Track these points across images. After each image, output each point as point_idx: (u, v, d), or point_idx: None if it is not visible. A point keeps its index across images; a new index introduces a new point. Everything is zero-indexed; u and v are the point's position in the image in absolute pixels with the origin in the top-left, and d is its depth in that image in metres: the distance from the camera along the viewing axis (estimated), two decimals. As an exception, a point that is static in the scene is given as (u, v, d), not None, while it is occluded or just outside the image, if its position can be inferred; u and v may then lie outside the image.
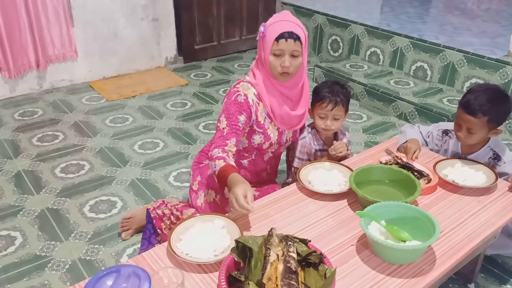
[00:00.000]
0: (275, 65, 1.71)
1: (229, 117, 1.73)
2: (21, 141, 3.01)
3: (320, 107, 1.88)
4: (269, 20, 1.74)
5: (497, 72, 3.35)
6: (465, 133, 1.82)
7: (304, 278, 1.18)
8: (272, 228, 1.22)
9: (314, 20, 4.71)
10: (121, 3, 3.93)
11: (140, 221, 2.11)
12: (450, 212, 1.57)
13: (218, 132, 1.74)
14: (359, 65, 4.19)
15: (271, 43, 1.69)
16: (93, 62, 3.99)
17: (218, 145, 1.70)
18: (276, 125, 1.85)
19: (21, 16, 3.42)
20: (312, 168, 1.79)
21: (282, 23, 1.69)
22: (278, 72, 1.73)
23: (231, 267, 1.20)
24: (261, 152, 1.92)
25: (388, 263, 1.32)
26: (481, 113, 1.75)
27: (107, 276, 1.12)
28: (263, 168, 2.01)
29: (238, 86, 1.80)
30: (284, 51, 1.69)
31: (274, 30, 1.69)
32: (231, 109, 1.74)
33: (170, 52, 4.44)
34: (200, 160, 2.07)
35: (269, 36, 1.69)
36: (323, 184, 1.67)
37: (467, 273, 1.91)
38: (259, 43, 1.77)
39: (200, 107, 3.60)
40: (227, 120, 1.73)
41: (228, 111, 1.74)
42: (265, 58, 1.74)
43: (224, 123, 1.73)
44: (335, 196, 1.64)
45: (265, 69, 1.77)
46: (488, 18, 4.84)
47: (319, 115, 1.90)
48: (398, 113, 3.54)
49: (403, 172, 1.66)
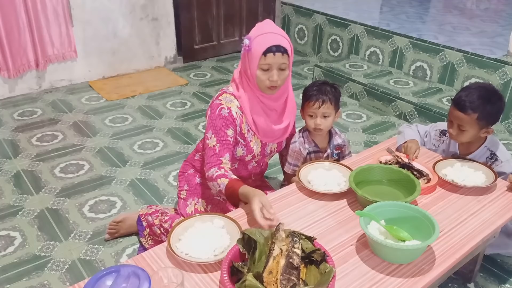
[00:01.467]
0: (262, 79, 1.66)
1: (217, 132, 1.69)
2: (21, 141, 3.01)
3: (308, 106, 1.87)
4: (253, 32, 1.67)
5: (496, 72, 3.36)
6: (456, 130, 1.83)
7: (305, 275, 1.19)
8: (280, 223, 1.23)
9: (314, 20, 4.71)
10: (120, 3, 3.93)
11: (129, 227, 2.10)
12: (449, 212, 1.57)
13: (210, 150, 1.70)
14: (359, 65, 4.19)
15: (258, 58, 1.62)
16: (92, 62, 3.99)
17: (213, 164, 1.67)
18: (259, 137, 1.82)
19: (20, 15, 3.42)
20: (312, 168, 1.78)
21: (268, 36, 1.62)
22: (265, 86, 1.68)
23: (236, 258, 1.22)
24: (244, 162, 1.89)
25: (388, 263, 1.32)
26: (470, 110, 1.76)
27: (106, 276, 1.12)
28: (247, 176, 1.97)
29: (221, 98, 1.74)
30: (272, 65, 1.63)
31: (260, 44, 1.61)
32: (217, 124, 1.70)
33: (170, 52, 4.44)
34: (185, 170, 2.04)
35: (255, 50, 1.62)
36: (323, 183, 1.67)
37: (467, 272, 1.91)
38: (243, 56, 1.70)
39: (199, 107, 3.60)
40: (216, 136, 1.69)
41: (215, 127, 1.70)
42: (251, 72, 1.67)
43: (213, 140, 1.70)
44: (335, 196, 1.64)
45: (251, 82, 1.71)
46: (487, 18, 4.84)
47: (308, 114, 1.89)
48: (397, 113, 3.54)
49: (402, 171, 1.66)
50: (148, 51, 4.29)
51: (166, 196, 2.47)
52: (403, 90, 3.64)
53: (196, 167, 2.00)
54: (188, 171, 2.03)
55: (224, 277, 1.14)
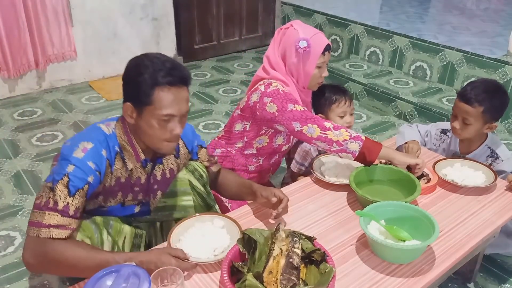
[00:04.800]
0: (317, 76, 1.78)
1: (295, 102, 1.70)
2: (21, 141, 3.01)
3: (338, 107, 1.94)
4: (303, 33, 1.73)
5: (496, 72, 3.36)
6: (460, 124, 1.84)
7: (305, 275, 1.19)
8: (280, 223, 1.23)
9: (314, 20, 4.71)
10: (120, 3, 3.93)
11: None
12: (449, 212, 1.57)
13: (301, 113, 1.65)
14: (359, 64, 4.19)
15: (317, 57, 1.74)
16: (92, 62, 3.99)
17: (321, 119, 1.66)
18: None
19: (20, 16, 3.42)
20: (326, 159, 1.85)
21: (320, 36, 1.75)
22: (317, 83, 1.80)
23: (236, 258, 1.22)
24: (271, 155, 1.95)
25: (388, 263, 1.32)
26: (477, 103, 1.78)
27: (106, 276, 1.12)
28: (268, 170, 2.04)
29: (275, 85, 1.74)
30: (325, 62, 1.78)
31: (318, 44, 1.73)
32: (291, 97, 1.70)
33: (170, 52, 4.44)
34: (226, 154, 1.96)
35: (314, 50, 1.73)
36: (334, 175, 1.74)
37: (467, 272, 1.91)
38: (298, 58, 1.74)
39: (199, 107, 3.60)
40: (296, 106, 1.67)
41: (290, 100, 1.69)
42: (307, 70, 1.76)
43: (299, 107, 1.68)
44: (334, 196, 1.64)
45: (302, 79, 1.79)
46: (487, 18, 4.84)
47: (338, 115, 1.95)
48: (397, 113, 3.55)
49: (402, 171, 1.66)
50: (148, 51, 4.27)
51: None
52: (403, 90, 3.64)
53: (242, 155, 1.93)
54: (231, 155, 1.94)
55: (224, 277, 1.14)
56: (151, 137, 1.32)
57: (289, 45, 1.75)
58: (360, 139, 1.61)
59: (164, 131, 1.30)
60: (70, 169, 1.24)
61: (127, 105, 1.31)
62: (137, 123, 1.31)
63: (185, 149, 1.58)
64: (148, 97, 1.25)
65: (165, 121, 1.28)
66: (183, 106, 1.31)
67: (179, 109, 1.29)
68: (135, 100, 1.29)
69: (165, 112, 1.26)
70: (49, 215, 1.21)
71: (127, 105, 1.31)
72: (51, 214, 1.22)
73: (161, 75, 1.25)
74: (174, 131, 1.31)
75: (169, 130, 1.30)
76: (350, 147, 1.60)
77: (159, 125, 1.29)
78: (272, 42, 1.83)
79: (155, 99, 1.25)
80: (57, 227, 1.22)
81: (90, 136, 1.32)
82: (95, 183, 1.29)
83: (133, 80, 1.28)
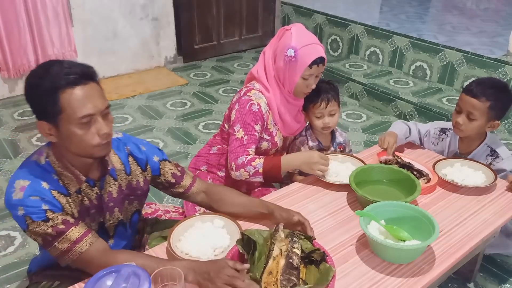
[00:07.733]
0: (302, 86, 1.75)
1: (246, 127, 1.74)
2: (21, 141, 3.01)
3: (314, 108, 1.89)
4: (295, 41, 1.69)
5: (496, 72, 3.36)
6: (464, 119, 1.81)
7: (305, 275, 1.19)
8: (279, 223, 1.23)
9: (314, 20, 4.71)
10: (120, 3, 3.93)
11: None
12: (449, 212, 1.57)
13: (236, 141, 1.74)
14: (359, 64, 4.20)
15: (303, 68, 1.70)
16: (92, 62, 3.91)
17: (240, 154, 1.72)
18: (282, 132, 1.89)
19: (20, 15, 3.42)
20: None
21: (312, 48, 1.70)
22: (302, 92, 1.78)
23: (236, 258, 1.22)
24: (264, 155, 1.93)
25: (388, 263, 1.32)
26: (484, 97, 1.76)
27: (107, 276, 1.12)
28: None
29: (250, 95, 1.78)
30: (313, 75, 1.74)
31: (306, 56, 1.69)
32: (247, 119, 1.74)
33: (170, 52, 4.44)
34: (197, 166, 2.01)
35: (301, 61, 1.69)
36: (334, 175, 1.73)
37: (467, 272, 1.91)
38: (284, 65, 1.73)
39: (199, 107, 3.60)
40: (244, 130, 1.74)
41: (244, 121, 1.75)
42: (292, 79, 1.74)
43: (241, 133, 1.74)
44: (334, 196, 1.64)
45: (287, 87, 1.78)
46: (487, 18, 4.85)
47: (315, 115, 1.90)
48: (397, 113, 3.55)
49: (402, 171, 1.66)
50: (148, 51, 4.29)
51: (166, 196, 2.47)
52: (403, 90, 3.64)
53: (210, 161, 1.98)
54: (200, 168, 2.00)
55: None
56: (80, 145, 1.17)
57: (280, 49, 1.73)
58: (259, 174, 1.70)
59: (91, 136, 1.16)
60: (21, 212, 1.15)
61: (41, 123, 1.17)
62: (60, 138, 1.18)
63: (137, 166, 1.41)
64: (56, 104, 1.12)
65: (86, 124, 1.15)
66: (98, 102, 1.16)
67: (94, 106, 1.15)
68: (45, 114, 1.15)
69: (80, 114, 1.13)
70: (67, 235, 1.18)
71: (40, 124, 1.17)
72: (67, 233, 1.18)
73: (60, 77, 1.12)
74: (101, 131, 1.17)
75: (96, 133, 1.17)
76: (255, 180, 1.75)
77: (82, 130, 1.15)
78: (272, 40, 1.83)
79: (64, 104, 1.12)
80: (84, 234, 1.20)
81: (23, 173, 1.20)
82: (55, 209, 1.18)
83: (34, 94, 1.15)
